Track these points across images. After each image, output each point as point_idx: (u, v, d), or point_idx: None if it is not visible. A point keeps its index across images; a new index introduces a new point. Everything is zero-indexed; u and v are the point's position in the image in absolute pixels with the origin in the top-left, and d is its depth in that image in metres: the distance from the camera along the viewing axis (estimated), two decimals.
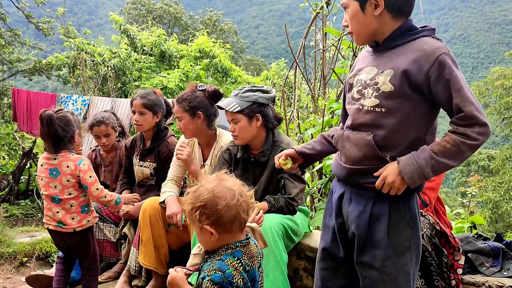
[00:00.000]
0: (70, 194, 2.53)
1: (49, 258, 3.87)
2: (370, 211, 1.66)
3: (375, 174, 1.63)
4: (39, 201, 6.90)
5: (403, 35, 1.64)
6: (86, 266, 2.72)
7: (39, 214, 7.73)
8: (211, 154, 2.91)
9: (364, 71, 1.71)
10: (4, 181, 8.88)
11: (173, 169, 3.05)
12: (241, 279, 1.42)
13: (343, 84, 4.33)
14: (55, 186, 2.52)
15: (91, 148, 3.81)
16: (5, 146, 10.31)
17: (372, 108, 1.65)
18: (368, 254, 1.67)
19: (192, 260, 1.67)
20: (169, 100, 3.50)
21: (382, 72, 1.63)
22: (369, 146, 1.65)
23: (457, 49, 72.76)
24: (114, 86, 9.02)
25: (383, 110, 1.62)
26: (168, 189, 2.93)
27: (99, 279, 3.12)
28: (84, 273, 2.74)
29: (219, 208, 1.44)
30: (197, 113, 2.81)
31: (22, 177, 8.85)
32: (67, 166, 2.51)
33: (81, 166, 2.51)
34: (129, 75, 10.31)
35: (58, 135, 2.48)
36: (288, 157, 1.99)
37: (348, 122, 1.78)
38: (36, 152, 9.17)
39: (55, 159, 2.52)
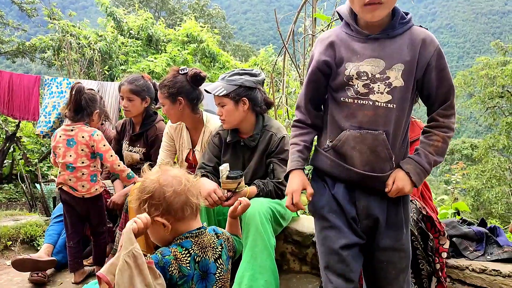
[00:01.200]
0: (83, 163, 2.77)
1: (33, 242, 3.83)
2: (387, 197, 1.66)
3: (387, 183, 1.62)
4: (23, 185, 6.80)
5: (400, 23, 1.61)
6: (96, 231, 2.94)
7: (23, 199, 7.63)
8: (200, 139, 2.90)
9: (366, 62, 1.58)
10: None
11: (162, 154, 3.04)
12: (177, 270, 1.37)
13: None
14: (70, 155, 2.75)
15: None
16: None
17: (385, 104, 1.57)
18: (388, 238, 1.67)
19: None
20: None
21: (392, 66, 1.56)
22: (382, 146, 1.59)
23: (443, 38, 73.24)
24: (100, 70, 8.88)
25: (394, 106, 1.57)
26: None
27: (86, 263, 3.12)
28: (94, 237, 2.96)
29: (167, 196, 1.40)
30: (177, 99, 2.78)
31: (5, 161, 8.71)
32: (82, 137, 2.76)
33: (94, 136, 2.77)
34: (115, 59, 10.16)
35: (81, 105, 2.78)
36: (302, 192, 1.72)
37: (352, 120, 1.61)
38: (20, 136, 9.02)
39: (72, 130, 2.77)
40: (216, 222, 2.55)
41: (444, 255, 2.17)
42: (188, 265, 1.40)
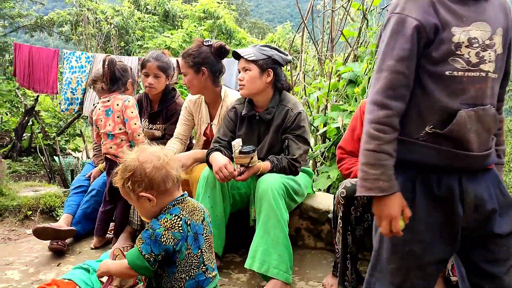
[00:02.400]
0: (120, 129, 2.89)
1: (52, 213, 3.92)
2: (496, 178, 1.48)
3: None
4: (42, 158, 6.92)
5: None
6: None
7: (42, 171, 7.77)
8: (218, 113, 2.89)
9: (473, 26, 1.35)
10: (7, 138, 8.89)
11: (179, 127, 3.05)
12: (171, 239, 1.47)
13: (351, 46, 4.28)
14: (109, 124, 2.89)
15: (93, 105, 3.77)
16: (6, 103, 10.26)
17: (492, 75, 1.37)
18: (505, 222, 1.44)
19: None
20: (174, 60, 3.46)
21: (496, 31, 1.39)
22: (494, 122, 1.41)
23: None
24: (117, 45, 8.89)
25: (496, 76, 1.40)
26: (169, 145, 2.96)
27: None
28: (122, 205, 2.95)
29: (147, 171, 1.50)
30: (201, 69, 2.78)
31: (24, 135, 8.85)
32: (117, 104, 2.88)
33: (126, 102, 2.87)
34: (132, 34, 10.16)
35: (115, 76, 2.91)
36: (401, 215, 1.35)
37: (462, 96, 1.35)
38: (38, 110, 9.14)
39: (108, 101, 2.91)
40: (230, 196, 2.57)
41: None
42: (180, 228, 1.50)
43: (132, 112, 2.87)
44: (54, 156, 7.47)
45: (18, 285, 2.49)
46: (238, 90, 2.69)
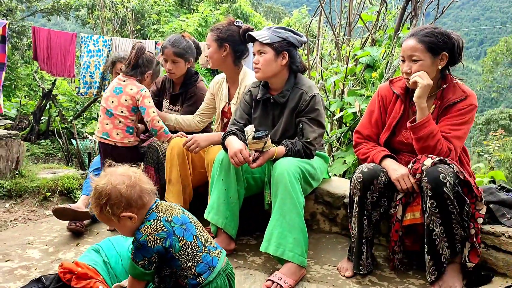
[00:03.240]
0: (122, 112, 2.88)
1: (70, 194, 3.98)
2: None
3: None
4: (59, 141, 7.03)
5: None
6: None
7: (59, 154, 7.89)
8: (236, 92, 2.90)
9: None
10: (25, 121, 9.03)
11: (202, 105, 3.14)
12: (158, 240, 1.55)
13: (369, 30, 4.21)
14: (112, 102, 2.88)
15: None
16: (25, 87, 10.40)
17: None
18: None
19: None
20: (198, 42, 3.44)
21: None
22: None
23: (486, 2, 69.65)
24: (133, 29, 8.90)
25: None
26: (183, 116, 3.07)
27: None
28: None
29: (123, 191, 1.55)
30: (224, 45, 2.80)
31: (42, 118, 8.98)
32: (131, 89, 2.89)
33: (143, 92, 2.89)
34: (147, 18, 10.15)
35: (137, 62, 2.93)
36: None
37: None
38: (56, 94, 9.24)
39: (124, 81, 2.91)
40: (244, 180, 2.57)
41: (480, 220, 2.13)
42: (164, 227, 1.57)
43: (149, 102, 2.89)
44: (72, 139, 7.57)
45: (39, 263, 2.55)
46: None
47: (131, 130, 2.94)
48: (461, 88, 2.27)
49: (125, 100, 2.88)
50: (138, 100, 2.88)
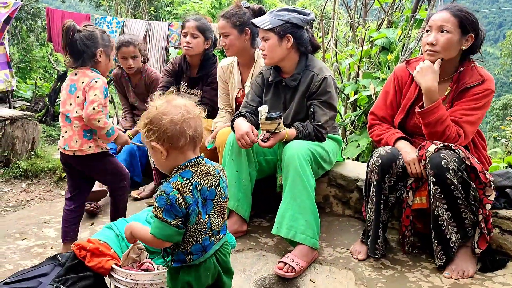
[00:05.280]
0: (76, 112, 2.32)
1: None
2: None
3: None
4: None
5: None
6: (110, 188, 2.57)
7: None
8: (250, 74, 2.87)
9: None
10: (41, 103, 9.12)
11: (221, 98, 3.07)
12: (184, 203, 1.44)
13: (385, 12, 4.13)
14: (70, 104, 2.34)
15: (118, 66, 3.74)
16: (40, 69, 10.47)
17: None
18: None
19: (131, 254, 1.76)
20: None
21: None
22: None
23: None
24: (147, 11, 8.86)
25: None
26: (218, 119, 2.98)
27: (138, 195, 3.27)
28: (111, 193, 2.58)
29: (163, 122, 1.46)
30: (245, 30, 2.76)
31: (57, 100, 9.05)
32: (82, 82, 2.33)
33: (92, 82, 2.30)
34: (161, 0, 10.08)
35: (78, 49, 2.32)
36: None
37: None
38: None
39: (76, 74, 2.37)
40: (256, 162, 2.57)
41: (488, 206, 2.10)
42: (190, 193, 1.46)
43: (95, 95, 2.27)
44: None
45: (55, 242, 2.59)
46: None
47: (89, 135, 2.35)
48: (478, 72, 2.22)
49: (78, 97, 2.31)
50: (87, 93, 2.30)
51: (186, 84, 3.28)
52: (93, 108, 2.25)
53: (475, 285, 2.07)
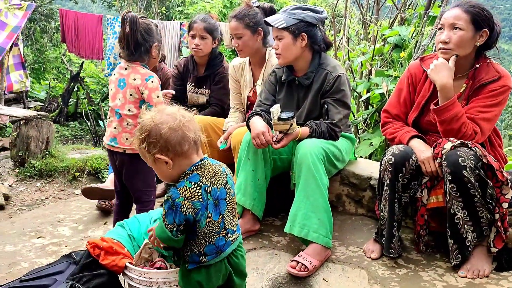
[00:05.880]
0: (129, 110, 2.31)
1: (98, 174, 4.07)
2: None
3: None
4: (87, 123, 7.17)
5: None
6: (136, 197, 2.45)
7: (87, 136, 8.06)
8: (262, 73, 2.86)
9: None
10: (54, 103, 9.24)
11: (233, 97, 3.06)
12: (191, 209, 1.43)
13: (397, 9, 4.10)
14: (119, 99, 2.33)
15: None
16: (53, 69, 10.60)
17: None
18: None
19: (143, 254, 1.76)
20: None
21: None
22: None
23: None
24: (158, 11, 8.91)
25: None
26: (230, 119, 2.97)
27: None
28: (137, 204, 2.45)
29: (163, 132, 1.44)
30: (258, 30, 2.75)
31: (70, 100, 9.16)
32: (134, 79, 2.29)
33: (148, 82, 2.28)
34: (172, 0, 10.14)
35: (138, 41, 2.27)
36: None
37: None
38: (83, 76, 9.39)
39: (125, 69, 2.33)
40: (271, 161, 2.56)
41: (505, 205, 2.07)
42: (200, 197, 1.45)
43: (158, 97, 2.30)
44: (99, 121, 7.72)
45: (69, 240, 2.62)
46: None
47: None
48: (495, 69, 2.19)
49: (130, 95, 2.30)
50: (143, 93, 2.29)
51: (193, 84, 3.27)
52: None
53: (490, 285, 2.04)
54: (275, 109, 2.32)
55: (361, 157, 3.40)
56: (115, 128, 2.35)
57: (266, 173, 2.53)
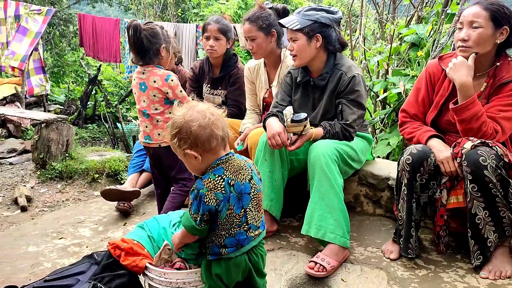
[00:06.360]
0: (156, 109, 2.56)
1: (117, 176, 4.12)
2: None
3: None
4: (106, 125, 7.27)
5: None
6: (174, 179, 2.71)
7: (106, 138, 8.16)
8: (277, 74, 2.87)
9: None
10: (73, 106, 9.38)
11: (249, 99, 3.07)
12: (214, 200, 1.51)
13: (414, 7, 4.06)
14: (144, 101, 2.56)
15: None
16: (72, 73, 10.78)
17: None
18: None
19: (162, 255, 1.80)
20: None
21: None
22: None
23: None
24: (174, 13, 8.98)
25: None
26: (246, 120, 2.98)
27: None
28: (175, 183, 2.73)
29: (193, 130, 1.52)
30: (271, 32, 2.75)
31: (88, 103, 9.29)
32: (154, 81, 2.51)
33: (169, 82, 2.51)
34: (188, 2, 10.21)
35: (144, 47, 2.48)
36: None
37: None
38: (101, 79, 9.51)
39: (143, 73, 2.54)
40: (288, 161, 2.56)
41: None
42: (223, 189, 1.52)
43: (181, 91, 2.55)
44: (117, 123, 7.82)
45: (90, 241, 2.66)
46: None
47: None
48: None
49: (154, 96, 2.54)
50: (167, 93, 2.53)
51: (209, 85, 3.30)
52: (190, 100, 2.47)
53: None
54: (288, 111, 2.32)
55: (378, 157, 3.38)
56: (146, 127, 2.61)
57: (283, 173, 2.53)
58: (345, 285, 2.10)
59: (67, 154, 4.21)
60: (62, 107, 8.74)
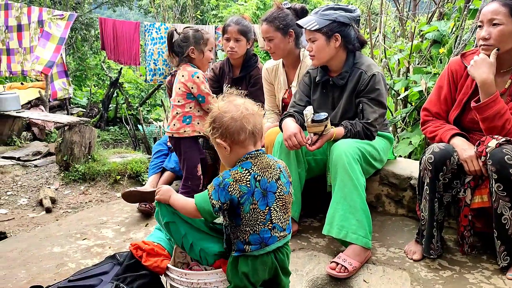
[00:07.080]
0: (178, 101, 2.80)
1: (139, 177, 4.17)
2: None
3: None
4: (127, 127, 7.36)
5: None
6: (183, 176, 2.93)
7: (127, 140, 8.27)
8: (296, 74, 2.85)
9: None
10: (95, 109, 9.53)
11: (268, 99, 3.08)
12: (237, 191, 1.55)
13: (436, 4, 3.99)
14: (174, 93, 2.84)
15: (170, 74, 3.87)
16: (94, 76, 10.95)
17: None
18: None
19: (177, 259, 1.85)
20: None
21: None
22: None
23: None
24: (193, 15, 9.05)
25: None
26: (265, 120, 2.97)
27: None
28: (182, 182, 2.95)
29: (224, 120, 1.60)
30: (289, 32, 2.74)
31: (110, 106, 9.42)
32: (182, 76, 2.77)
33: (194, 78, 2.74)
34: (207, 4, 10.27)
35: (175, 51, 2.81)
36: None
37: None
38: (122, 82, 9.64)
39: (178, 71, 2.85)
40: (305, 162, 2.55)
41: None
42: (248, 182, 1.56)
43: (206, 88, 2.78)
44: (138, 125, 7.91)
45: (112, 242, 2.70)
46: None
47: (188, 120, 2.82)
48: None
49: (179, 89, 2.79)
50: (192, 88, 2.75)
51: (229, 85, 3.30)
52: (213, 98, 2.74)
53: None
54: (308, 111, 2.30)
55: (400, 156, 3.33)
56: (169, 116, 2.89)
57: (300, 174, 2.52)
58: (367, 286, 2.07)
59: (89, 156, 4.28)
60: (84, 110, 8.88)
